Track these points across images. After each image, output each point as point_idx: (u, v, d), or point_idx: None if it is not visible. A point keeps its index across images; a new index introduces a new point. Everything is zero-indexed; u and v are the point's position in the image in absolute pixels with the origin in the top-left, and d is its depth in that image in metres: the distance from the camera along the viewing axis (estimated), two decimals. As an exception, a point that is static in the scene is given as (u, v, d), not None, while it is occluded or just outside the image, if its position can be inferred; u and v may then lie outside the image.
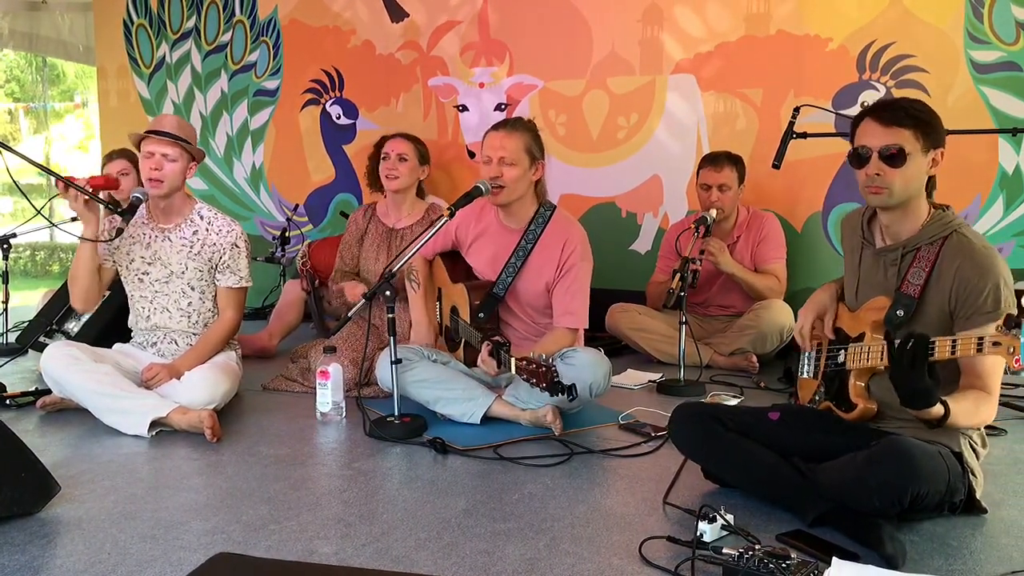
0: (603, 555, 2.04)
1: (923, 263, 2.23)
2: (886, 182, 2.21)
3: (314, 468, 2.72)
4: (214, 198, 6.10)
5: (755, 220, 4.31)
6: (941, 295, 2.20)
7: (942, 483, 2.08)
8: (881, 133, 2.22)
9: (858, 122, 2.30)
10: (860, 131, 2.28)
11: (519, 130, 3.20)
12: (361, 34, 5.62)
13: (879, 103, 2.30)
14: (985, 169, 4.12)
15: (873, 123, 2.24)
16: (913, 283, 2.23)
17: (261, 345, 4.47)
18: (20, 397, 3.43)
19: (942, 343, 1.98)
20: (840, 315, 2.46)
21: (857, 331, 2.33)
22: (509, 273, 3.25)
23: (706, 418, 2.44)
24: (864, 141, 2.25)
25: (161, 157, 3.21)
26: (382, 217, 4.22)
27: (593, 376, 3.00)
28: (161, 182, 3.23)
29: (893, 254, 2.31)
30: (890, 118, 2.21)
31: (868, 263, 2.40)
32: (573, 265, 3.20)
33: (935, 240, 2.24)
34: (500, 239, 3.31)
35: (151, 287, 3.35)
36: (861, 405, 2.25)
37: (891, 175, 2.20)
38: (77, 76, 14.41)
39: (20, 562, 2.01)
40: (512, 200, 3.21)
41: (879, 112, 2.24)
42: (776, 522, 2.22)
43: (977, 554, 2.06)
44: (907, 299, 2.23)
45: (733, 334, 4.14)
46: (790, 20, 4.49)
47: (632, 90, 4.89)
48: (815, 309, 2.51)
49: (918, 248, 2.26)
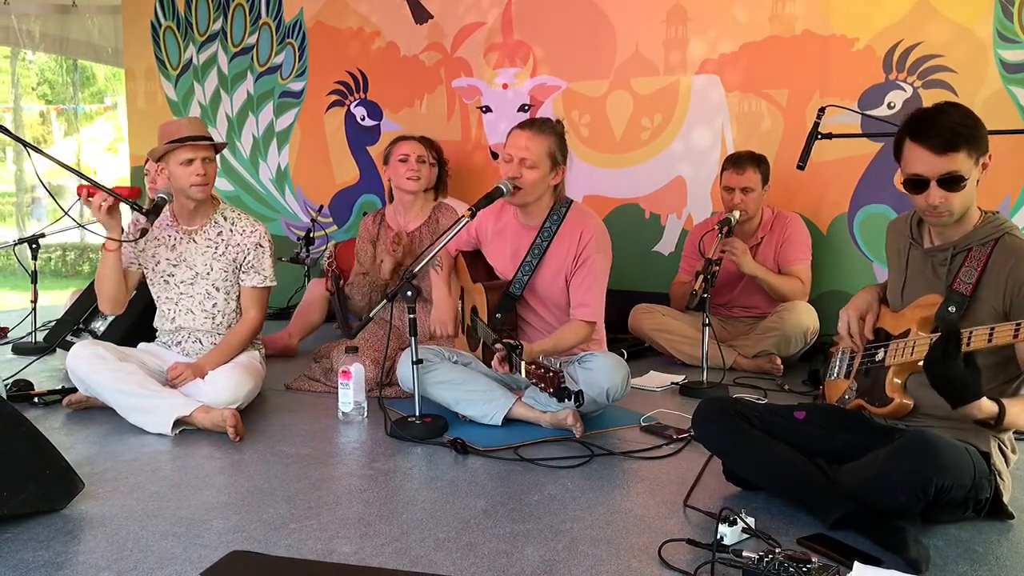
0: (622, 557, 2.04)
1: (975, 263, 2.21)
2: (949, 207, 2.18)
3: (335, 468, 2.73)
4: (240, 199, 6.15)
5: (779, 221, 4.27)
6: (994, 295, 2.18)
7: (967, 477, 2.06)
8: (936, 161, 2.14)
9: (902, 142, 2.21)
10: (911, 157, 2.19)
11: (545, 132, 3.15)
12: (385, 36, 5.64)
13: (923, 123, 2.17)
14: (1015, 169, 4.06)
15: (925, 151, 2.15)
16: (965, 281, 2.21)
17: (283, 344, 4.50)
18: (47, 395, 3.49)
19: (978, 332, 1.97)
20: (882, 316, 2.44)
21: (901, 329, 2.31)
22: (525, 272, 3.24)
23: (731, 414, 2.42)
24: (918, 169, 2.17)
25: (201, 162, 3.24)
26: (390, 221, 4.20)
27: (611, 381, 2.99)
28: (207, 185, 3.28)
29: (943, 254, 2.28)
30: (943, 144, 2.12)
31: (916, 263, 2.37)
32: (588, 256, 3.17)
33: (987, 241, 2.22)
34: (518, 237, 3.31)
35: (176, 289, 3.38)
36: (897, 400, 2.22)
37: (952, 199, 2.17)
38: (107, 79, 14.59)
39: (44, 558, 2.03)
40: (529, 202, 3.20)
41: (929, 138, 2.14)
42: (797, 526, 2.20)
43: (1003, 560, 2.03)
44: (959, 296, 2.21)
45: (757, 336, 4.11)
46: (816, 20, 4.45)
47: (656, 91, 4.87)
48: (857, 308, 2.48)
49: (969, 248, 2.24)
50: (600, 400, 3.03)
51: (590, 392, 2.96)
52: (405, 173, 4.04)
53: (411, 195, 4.09)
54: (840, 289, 4.43)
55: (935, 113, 2.18)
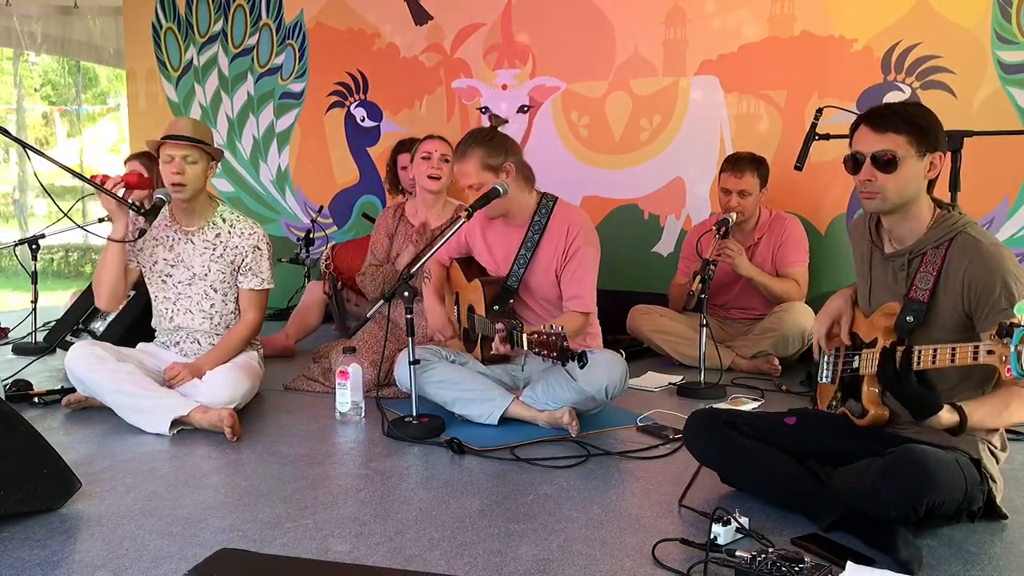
0: (616, 556, 2.04)
1: (930, 267, 2.21)
2: (879, 187, 2.21)
3: (332, 467, 2.74)
4: (240, 200, 6.15)
5: (777, 222, 4.27)
6: (952, 298, 2.17)
7: (959, 492, 2.06)
8: (874, 139, 2.22)
9: (855, 127, 2.29)
10: (856, 137, 2.28)
11: (468, 152, 3.19)
12: (385, 37, 5.65)
13: (874, 108, 2.29)
14: (1013, 170, 4.05)
15: (867, 129, 2.24)
16: (921, 288, 2.21)
17: (282, 345, 4.50)
18: (46, 395, 3.50)
19: (926, 352, 1.97)
20: (856, 320, 2.45)
21: (871, 337, 2.31)
22: (520, 264, 3.28)
23: (720, 424, 2.43)
24: (858, 147, 2.25)
25: (181, 160, 3.23)
26: (411, 217, 4.23)
27: (610, 377, 3.00)
28: (184, 185, 3.26)
29: (900, 259, 2.29)
30: (883, 124, 2.21)
31: (879, 268, 2.39)
32: (578, 249, 3.21)
33: (941, 243, 2.22)
34: (508, 236, 3.34)
35: (174, 289, 3.39)
36: (873, 411, 2.21)
37: (884, 180, 2.20)
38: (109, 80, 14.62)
39: (40, 556, 2.04)
40: (510, 208, 3.26)
41: (873, 118, 2.24)
42: (791, 526, 2.21)
43: (996, 560, 2.04)
44: (916, 304, 2.21)
45: (755, 337, 4.11)
46: (814, 21, 4.45)
47: (655, 91, 4.87)
48: (830, 315, 2.50)
49: (924, 252, 2.24)
50: (599, 397, 3.03)
51: (589, 389, 2.97)
52: (427, 171, 4.05)
53: (433, 193, 4.12)
54: (838, 289, 4.42)
55: (893, 103, 2.25)
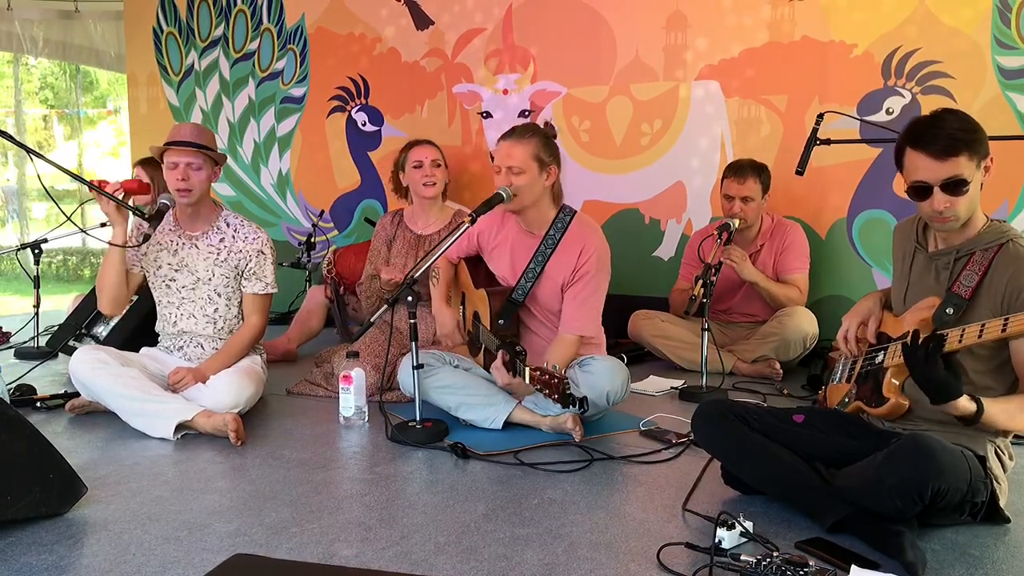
0: (621, 561, 2.05)
1: (976, 267, 2.23)
2: (954, 212, 2.20)
3: (336, 472, 2.74)
4: (242, 204, 6.17)
5: (779, 229, 4.29)
6: (992, 300, 2.19)
7: (963, 481, 2.07)
8: (937, 167, 2.16)
9: (903, 151, 2.24)
10: (913, 165, 2.21)
11: (527, 137, 3.18)
12: (387, 42, 5.67)
13: (922, 131, 2.19)
14: (1012, 175, 4.07)
15: (926, 158, 2.17)
16: (965, 284, 2.23)
17: (284, 350, 4.51)
18: (50, 400, 3.50)
19: (954, 333, 2.03)
20: (885, 321, 2.46)
21: (901, 332, 2.32)
22: (528, 279, 3.25)
23: (730, 416, 2.43)
24: (920, 176, 2.19)
25: (186, 167, 3.25)
26: (409, 223, 4.23)
27: (611, 384, 3.01)
28: (189, 191, 3.27)
29: (946, 257, 2.31)
30: (942, 149, 2.14)
31: (920, 267, 2.39)
32: (587, 273, 3.18)
33: (990, 246, 2.24)
34: (520, 245, 3.32)
35: (178, 293, 3.40)
36: (893, 399, 2.24)
37: (956, 203, 2.18)
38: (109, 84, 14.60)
39: (48, 562, 2.05)
40: (526, 206, 3.21)
41: (928, 144, 2.16)
42: (795, 529, 2.21)
43: (999, 564, 2.04)
44: (958, 299, 2.23)
45: (756, 341, 4.12)
46: (815, 26, 4.47)
47: (656, 96, 4.89)
48: (860, 315, 2.50)
49: (972, 252, 2.26)
50: (600, 403, 3.04)
51: (590, 395, 2.98)
52: (421, 179, 4.07)
53: (429, 199, 4.11)
54: (839, 294, 4.45)
55: (933, 120, 2.20)
